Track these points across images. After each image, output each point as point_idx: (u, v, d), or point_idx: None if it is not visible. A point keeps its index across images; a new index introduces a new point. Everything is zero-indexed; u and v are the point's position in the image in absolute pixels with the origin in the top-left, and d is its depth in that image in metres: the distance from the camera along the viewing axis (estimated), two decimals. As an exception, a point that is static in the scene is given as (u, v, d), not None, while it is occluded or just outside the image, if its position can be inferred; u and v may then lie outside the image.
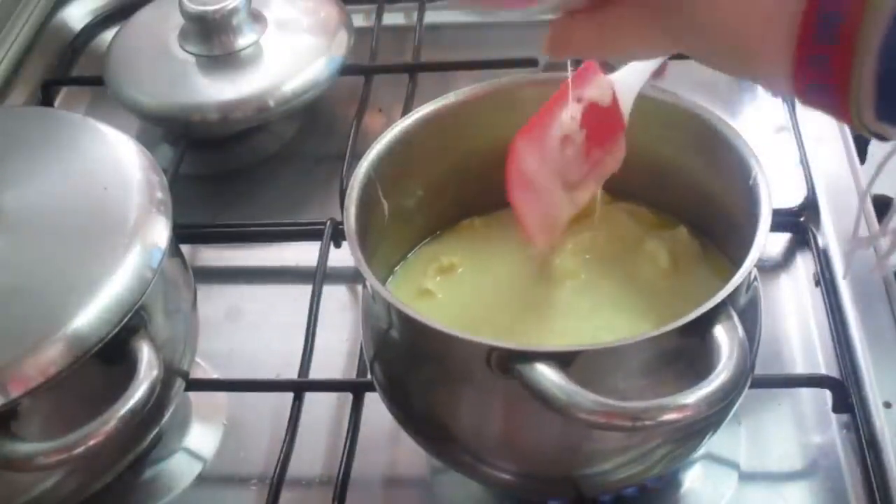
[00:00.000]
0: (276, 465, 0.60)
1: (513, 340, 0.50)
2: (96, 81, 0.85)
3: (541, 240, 0.56)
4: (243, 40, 0.81)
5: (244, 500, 0.61)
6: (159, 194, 0.58)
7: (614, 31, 0.40)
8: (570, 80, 0.52)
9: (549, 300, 0.57)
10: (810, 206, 0.71)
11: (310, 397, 0.64)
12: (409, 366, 0.53)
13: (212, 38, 0.81)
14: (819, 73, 0.32)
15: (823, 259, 0.68)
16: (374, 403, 0.58)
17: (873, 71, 0.30)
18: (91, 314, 0.51)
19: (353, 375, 0.65)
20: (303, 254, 0.73)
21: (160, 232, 0.56)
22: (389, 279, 0.60)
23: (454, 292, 0.58)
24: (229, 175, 0.83)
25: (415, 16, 0.92)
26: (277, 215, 0.77)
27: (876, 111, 0.32)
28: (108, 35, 0.91)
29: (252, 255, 0.76)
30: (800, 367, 0.64)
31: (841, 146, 0.75)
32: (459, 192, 0.62)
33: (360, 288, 0.59)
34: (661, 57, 0.49)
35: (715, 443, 0.57)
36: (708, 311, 0.46)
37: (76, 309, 0.51)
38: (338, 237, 0.72)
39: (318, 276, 0.69)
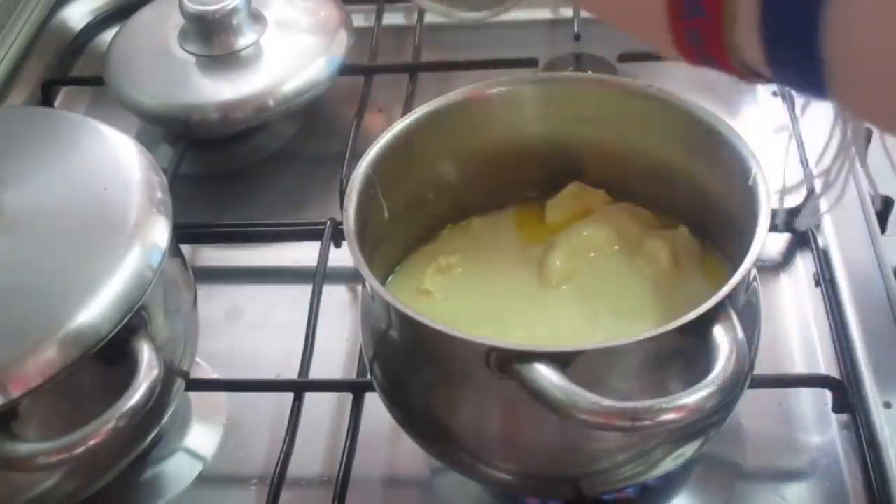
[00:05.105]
0: (276, 465, 0.60)
1: (512, 340, 0.50)
2: (96, 81, 0.85)
3: None
4: (243, 40, 0.81)
5: (244, 500, 0.61)
6: (159, 194, 0.58)
7: None
8: None
9: (549, 300, 0.57)
10: (810, 206, 0.71)
11: (310, 397, 0.63)
12: (408, 366, 0.53)
13: (212, 38, 0.81)
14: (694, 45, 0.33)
15: (823, 259, 0.68)
16: (374, 403, 0.58)
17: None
18: (91, 314, 0.51)
19: (353, 375, 0.65)
20: (303, 254, 0.73)
21: (160, 232, 0.56)
22: (389, 279, 0.60)
23: (453, 292, 0.58)
24: (229, 175, 0.83)
25: (415, 16, 0.92)
26: (277, 215, 0.77)
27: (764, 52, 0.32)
28: (108, 35, 0.91)
29: (252, 255, 0.76)
30: (800, 367, 0.64)
31: (841, 146, 0.75)
32: (459, 192, 0.62)
33: (360, 288, 0.59)
34: None
35: (715, 443, 0.57)
36: (707, 311, 0.46)
37: (76, 309, 0.51)
38: (338, 237, 0.72)
39: (317, 276, 0.69)
